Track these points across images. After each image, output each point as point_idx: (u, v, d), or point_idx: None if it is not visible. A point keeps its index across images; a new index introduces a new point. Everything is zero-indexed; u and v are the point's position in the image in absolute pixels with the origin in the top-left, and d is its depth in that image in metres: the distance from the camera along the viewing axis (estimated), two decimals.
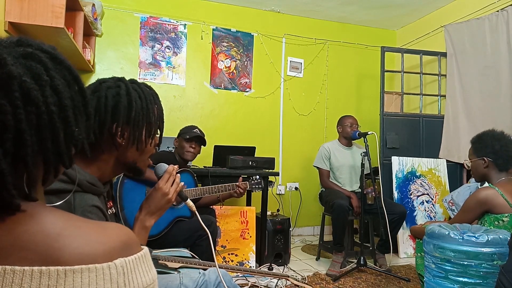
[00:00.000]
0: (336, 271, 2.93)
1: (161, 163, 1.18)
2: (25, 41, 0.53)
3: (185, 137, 2.64)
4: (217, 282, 1.26)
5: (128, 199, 2.15)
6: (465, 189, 3.09)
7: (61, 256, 0.47)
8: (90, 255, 0.49)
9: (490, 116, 3.34)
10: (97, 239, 0.51)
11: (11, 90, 0.47)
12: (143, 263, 0.54)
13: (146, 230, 1.09)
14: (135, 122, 0.98)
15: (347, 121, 3.42)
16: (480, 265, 1.58)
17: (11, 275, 0.45)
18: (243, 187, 2.67)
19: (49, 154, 0.52)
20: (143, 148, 1.03)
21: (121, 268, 0.50)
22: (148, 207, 1.10)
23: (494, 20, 3.37)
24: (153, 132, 1.04)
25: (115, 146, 0.99)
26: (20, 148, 0.48)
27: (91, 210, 0.88)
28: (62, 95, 0.53)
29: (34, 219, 0.50)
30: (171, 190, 1.12)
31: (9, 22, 2.26)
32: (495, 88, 3.36)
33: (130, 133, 0.99)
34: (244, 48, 4.28)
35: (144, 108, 1.00)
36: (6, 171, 0.46)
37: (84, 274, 0.47)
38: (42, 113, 0.49)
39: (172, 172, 1.14)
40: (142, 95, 1.00)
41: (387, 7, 4.21)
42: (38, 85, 0.49)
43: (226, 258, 2.94)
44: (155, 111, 1.04)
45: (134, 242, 0.55)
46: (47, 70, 0.52)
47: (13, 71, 0.47)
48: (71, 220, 0.53)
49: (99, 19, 3.57)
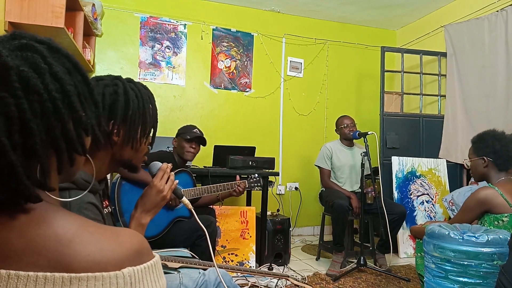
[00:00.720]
0: (336, 271, 2.93)
1: (155, 162, 1.19)
2: (19, 35, 0.53)
3: (186, 137, 2.61)
4: (217, 282, 1.26)
5: (126, 201, 2.15)
6: (466, 190, 3.09)
7: (71, 263, 0.47)
8: (100, 263, 0.48)
9: (486, 116, 3.34)
10: (109, 246, 0.50)
11: (10, 81, 0.46)
12: (152, 272, 0.53)
13: (143, 227, 1.09)
14: (131, 121, 0.99)
15: (343, 123, 3.41)
16: (480, 265, 1.57)
17: (15, 280, 0.45)
18: (242, 186, 2.65)
19: (59, 142, 0.52)
20: (137, 146, 1.04)
21: (129, 278, 0.49)
22: (143, 204, 1.11)
23: (494, 20, 3.37)
24: (148, 131, 1.06)
25: (110, 144, 1.00)
26: (28, 138, 0.47)
27: (87, 207, 0.88)
28: (63, 81, 0.52)
29: (47, 222, 0.50)
30: (165, 187, 1.12)
31: (9, 22, 2.26)
32: (491, 88, 3.36)
33: (126, 132, 1.00)
34: (244, 48, 4.28)
35: (140, 108, 1.01)
36: (16, 163, 0.46)
37: (90, 283, 0.46)
38: (45, 101, 0.49)
39: (166, 170, 1.14)
40: (139, 95, 1.02)
41: (387, 7, 4.21)
42: (37, 73, 0.49)
43: (226, 258, 2.94)
44: (150, 111, 1.05)
45: (146, 250, 0.54)
46: (44, 58, 0.51)
47: (8, 62, 0.47)
48: (84, 225, 0.52)
49: (99, 19, 3.57)
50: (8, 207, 0.48)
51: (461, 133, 3.59)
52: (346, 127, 3.37)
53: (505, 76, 3.25)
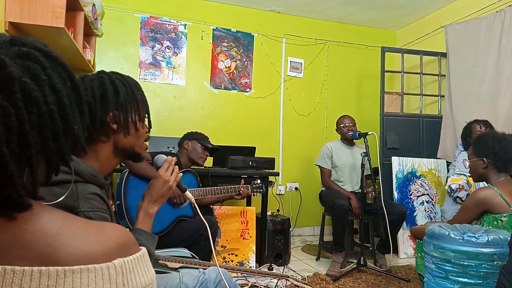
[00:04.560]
0: (336, 271, 2.93)
1: (160, 155, 1.24)
2: (18, 40, 0.53)
3: (206, 145, 2.69)
4: (217, 280, 1.26)
5: (132, 197, 2.18)
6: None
7: (60, 255, 0.48)
8: (89, 255, 0.49)
9: (472, 116, 3.30)
10: (96, 239, 0.51)
11: (13, 91, 0.46)
12: (141, 263, 0.54)
13: (150, 217, 1.13)
14: (123, 106, 1.02)
15: (343, 122, 3.42)
16: (480, 265, 1.58)
17: (11, 275, 0.45)
18: (245, 193, 2.72)
19: (51, 153, 0.52)
20: (136, 131, 1.06)
21: (120, 269, 0.50)
22: (150, 195, 1.14)
23: (491, 21, 3.38)
24: (142, 115, 1.08)
25: (109, 134, 1.02)
26: (24, 148, 0.48)
27: (93, 198, 0.90)
28: (61, 93, 0.53)
29: (33, 218, 0.50)
30: (171, 178, 1.16)
31: (10, 22, 2.26)
32: (477, 88, 3.40)
33: (122, 118, 1.02)
34: (244, 48, 4.28)
35: (129, 93, 1.04)
36: (14, 172, 0.46)
37: (84, 275, 0.47)
38: (43, 113, 0.49)
39: (171, 162, 1.18)
40: (125, 82, 1.05)
41: (387, 7, 4.21)
42: (38, 85, 0.49)
43: (226, 258, 2.94)
44: (139, 96, 1.08)
45: (132, 242, 0.55)
46: (44, 69, 0.51)
47: (13, 72, 0.47)
48: (70, 220, 0.53)
49: (99, 19, 3.58)
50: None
51: (459, 133, 3.59)
52: (345, 126, 3.38)
53: (492, 75, 3.29)
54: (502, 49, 3.26)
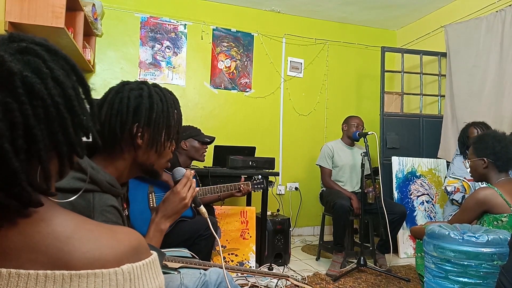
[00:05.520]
0: (336, 271, 2.93)
1: (179, 167, 1.20)
2: (17, 37, 0.52)
3: (203, 139, 2.66)
4: (217, 282, 1.26)
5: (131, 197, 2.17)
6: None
7: (70, 259, 0.47)
8: (99, 260, 0.48)
9: (476, 116, 3.30)
10: (107, 243, 0.51)
11: (14, 86, 0.46)
12: (150, 269, 0.53)
13: (161, 233, 1.10)
14: (155, 124, 1.00)
15: (353, 121, 3.43)
16: (480, 265, 1.58)
17: (16, 279, 0.45)
18: (245, 190, 2.70)
19: (62, 147, 0.52)
20: (161, 150, 1.04)
21: (128, 274, 0.49)
22: (164, 210, 1.11)
23: (492, 20, 3.38)
24: (172, 135, 1.06)
25: (134, 147, 1.00)
26: (32, 144, 0.48)
27: (109, 210, 0.89)
28: (65, 85, 0.52)
29: (45, 220, 0.50)
30: (188, 195, 1.13)
31: (9, 22, 2.26)
32: (480, 88, 3.38)
33: (150, 135, 1.00)
34: (244, 48, 4.28)
35: (164, 111, 1.02)
36: (18, 169, 0.46)
37: (90, 279, 0.47)
38: (48, 106, 0.49)
39: (189, 177, 1.15)
40: (163, 99, 1.03)
41: (387, 7, 4.21)
42: (40, 78, 0.49)
43: (226, 258, 2.94)
44: (175, 115, 1.06)
45: (144, 247, 0.55)
46: (45, 62, 0.51)
47: (13, 67, 0.47)
48: (82, 223, 0.53)
49: (99, 19, 3.57)
50: (8, 211, 0.49)
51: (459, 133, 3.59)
52: (357, 126, 3.37)
53: (494, 76, 3.28)
54: (504, 50, 3.25)
